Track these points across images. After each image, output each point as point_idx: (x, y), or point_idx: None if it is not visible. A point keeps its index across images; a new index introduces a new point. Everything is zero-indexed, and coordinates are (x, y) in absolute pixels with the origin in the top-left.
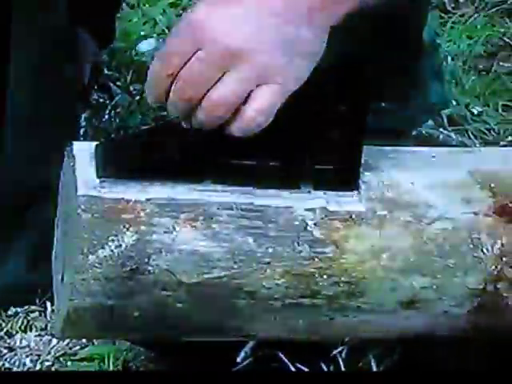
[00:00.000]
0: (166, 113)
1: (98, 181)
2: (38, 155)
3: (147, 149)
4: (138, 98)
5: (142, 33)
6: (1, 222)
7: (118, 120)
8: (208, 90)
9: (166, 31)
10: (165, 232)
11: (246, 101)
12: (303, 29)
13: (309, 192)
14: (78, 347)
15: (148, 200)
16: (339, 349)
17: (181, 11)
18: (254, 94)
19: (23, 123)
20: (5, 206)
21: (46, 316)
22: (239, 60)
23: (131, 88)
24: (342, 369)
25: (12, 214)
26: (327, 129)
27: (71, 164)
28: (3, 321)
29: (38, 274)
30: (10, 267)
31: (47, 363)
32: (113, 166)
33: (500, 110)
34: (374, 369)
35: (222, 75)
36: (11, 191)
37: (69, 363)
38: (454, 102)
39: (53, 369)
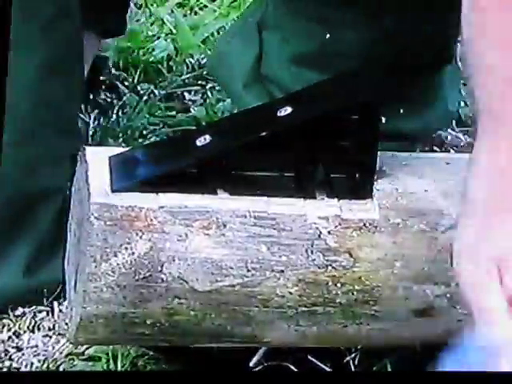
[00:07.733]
0: (172, 112)
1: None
2: (39, 158)
3: (161, 161)
4: (145, 97)
5: (150, 33)
6: (6, 222)
7: (125, 120)
8: None
9: (174, 31)
10: (178, 240)
11: None
12: None
13: (322, 199)
14: (85, 346)
15: (161, 207)
16: (352, 355)
17: (188, 11)
18: None
19: (26, 126)
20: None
21: (53, 316)
22: None
23: (139, 88)
24: None
25: (16, 214)
26: (341, 137)
27: (84, 170)
28: (11, 321)
29: (42, 275)
30: (14, 267)
31: (55, 363)
32: (127, 180)
33: None
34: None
35: None
36: (16, 193)
37: (76, 362)
38: (463, 103)
39: (61, 368)
